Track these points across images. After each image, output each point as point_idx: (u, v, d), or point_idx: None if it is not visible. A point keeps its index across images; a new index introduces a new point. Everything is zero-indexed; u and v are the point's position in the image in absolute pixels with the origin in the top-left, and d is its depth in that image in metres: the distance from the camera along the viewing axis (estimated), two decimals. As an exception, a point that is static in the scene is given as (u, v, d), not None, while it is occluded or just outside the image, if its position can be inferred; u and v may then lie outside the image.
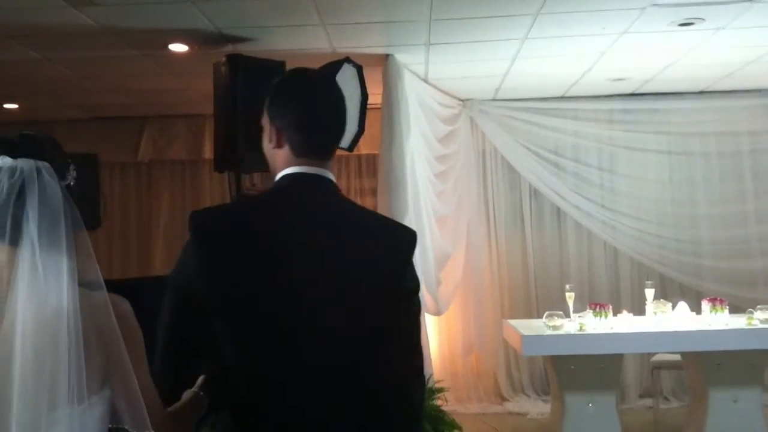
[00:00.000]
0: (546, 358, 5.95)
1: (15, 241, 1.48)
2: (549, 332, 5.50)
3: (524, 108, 7.73)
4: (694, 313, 5.87)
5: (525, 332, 5.48)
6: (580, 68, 6.65)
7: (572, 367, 5.57)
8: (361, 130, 5.85)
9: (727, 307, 5.76)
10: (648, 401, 7.26)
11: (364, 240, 1.83)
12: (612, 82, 7.18)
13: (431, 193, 6.84)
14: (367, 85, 5.82)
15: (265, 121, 1.90)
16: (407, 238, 1.91)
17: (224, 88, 5.08)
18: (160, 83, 6.74)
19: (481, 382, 7.70)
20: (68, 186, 1.60)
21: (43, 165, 1.53)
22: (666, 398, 7.45)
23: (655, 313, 5.84)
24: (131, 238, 8.31)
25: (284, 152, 1.86)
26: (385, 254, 1.84)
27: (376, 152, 6.78)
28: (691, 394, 6.33)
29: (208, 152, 7.63)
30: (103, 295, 1.55)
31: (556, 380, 5.78)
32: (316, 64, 5.48)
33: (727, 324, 5.62)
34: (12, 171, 1.49)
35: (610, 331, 5.57)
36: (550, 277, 7.77)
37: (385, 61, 5.99)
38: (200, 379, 1.83)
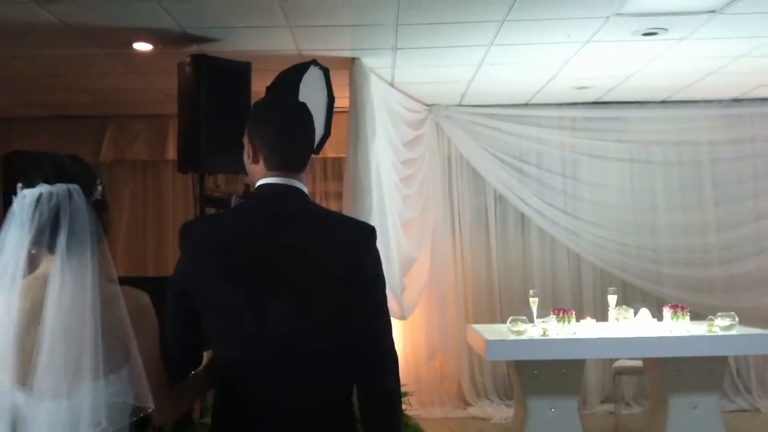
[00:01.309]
0: (509, 363, 5.98)
1: (52, 250, 1.87)
2: (512, 337, 5.53)
3: (489, 114, 7.76)
4: (655, 319, 5.93)
5: (489, 337, 5.49)
6: (545, 76, 6.70)
7: (535, 372, 5.60)
8: (327, 133, 5.88)
9: (688, 313, 5.84)
10: (609, 406, 7.32)
11: (324, 237, 2.08)
12: (576, 90, 7.24)
13: (397, 198, 6.84)
14: (333, 88, 5.82)
15: (246, 140, 2.15)
16: (364, 233, 2.13)
17: (188, 88, 5.03)
18: (123, 82, 6.65)
19: (444, 386, 7.70)
20: (96, 200, 1.95)
21: (74, 188, 1.89)
22: (627, 404, 7.52)
23: (617, 319, 5.90)
24: (91, 239, 8.18)
25: (260, 166, 2.12)
26: (342, 247, 2.07)
27: (343, 155, 6.77)
28: (651, 399, 6.40)
29: (171, 153, 7.54)
30: (118, 290, 1.92)
31: (519, 385, 5.81)
32: (281, 66, 5.50)
33: (687, 330, 5.69)
34: (50, 197, 1.86)
35: (573, 337, 5.61)
36: (514, 281, 7.81)
37: (351, 64, 5.97)
38: (205, 360, 2.13)
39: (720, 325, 5.68)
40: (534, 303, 5.98)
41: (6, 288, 1.84)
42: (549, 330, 5.61)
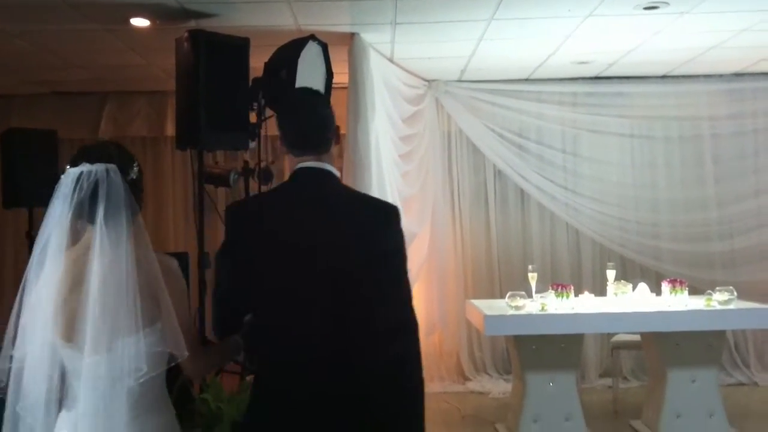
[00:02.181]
0: (508, 338, 6.01)
1: (92, 221, 2.13)
2: (511, 312, 5.55)
3: (489, 90, 7.74)
4: (654, 294, 5.95)
5: (488, 312, 5.51)
6: (545, 51, 6.67)
7: (534, 347, 5.63)
8: (326, 108, 5.79)
9: (687, 288, 5.85)
10: (608, 381, 7.36)
11: (348, 213, 2.31)
12: (576, 65, 7.21)
13: (396, 174, 6.83)
14: (332, 64, 5.79)
15: (279, 128, 2.45)
16: (386, 210, 2.36)
17: (186, 64, 4.99)
18: (122, 59, 6.62)
19: (443, 361, 7.74)
20: (131, 180, 2.22)
21: (111, 167, 2.16)
22: (625, 378, 7.56)
23: (616, 294, 5.92)
24: (91, 216, 8.19)
25: (289, 154, 2.42)
26: (365, 223, 2.29)
27: (342, 132, 6.74)
28: (650, 374, 6.43)
29: (170, 130, 7.53)
30: (151, 255, 2.17)
31: (517, 360, 5.84)
32: (280, 42, 5.47)
33: (686, 305, 5.71)
34: (89, 174, 2.14)
35: (572, 312, 5.63)
36: (513, 257, 7.83)
37: (350, 39, 5.95)
38: (245, 326, 2.34)
39: (718, 300, 5.70)
40: (533, 278, 5.99)
41: (53, 255, 2.09)
42: (547, 305, 5.64)
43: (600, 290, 6.43)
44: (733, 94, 7.78)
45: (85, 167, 2.16)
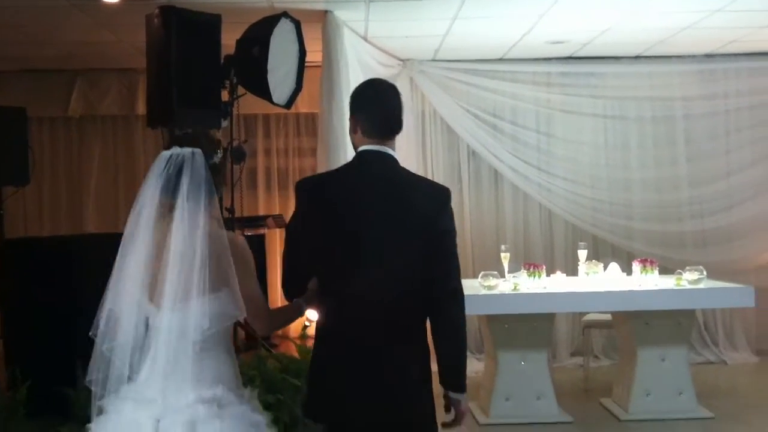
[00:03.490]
0: (481, 317, 6.04)
1: (176, 197, 2.45)
2: (484, 292, 5.58)
3: (463, 69, 7.72)
4: (624, 273, 6.00)
5: (460, 292, 5.52)
6: (520, 30, 6.66)
7: (506, 326, 5.67)
8: (298, 87, 5.81)
9: (657, 268, 5.90)
10: (579, 359, 7.43)
11: (407, 193, 2.59)
12: (550, 45, 7.22)
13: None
14: (305, 42, 5.73)
15: (351, 117, 2.70)
16: (440, 192, 2.66)
17: (157, 41, 4.93)
18: (92, 35, 6.52)
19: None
20: (213, 164, 2.52)
21: (197, 151, 2.49)
22: (596, 356, 7.64)
23: (587, 273, 5.97)
24: (61, 194, 8.10)
25: (359, 136, 2.65)
26: (422, 203, 2.58)
27: (316, 111, 6.72)
28: (620, 352, 6.51)
29: (141, 108, 7.44)
30: (223, 231, 2.51)
31: (490, 339, 5.88)
32: (252, 19, 5.40)
33: (656, 284, 5.77)
34: (177, 155, 2.48)
35: (544, 291, 5.67)
36: (487, 237, 7.85)
37: (324, 17, 5.89)
38: (309, 288, 2.64)
39: (688, 279, 5.76)
40: (505, 258, 6.01)
41: (144, 225, 2.46)
42: (520, 285, 5.67)
43: (572, 270, 6.48)
44: (705, 74, 7.82)
45: (174, 150, 2.50)
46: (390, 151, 2.65)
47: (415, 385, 2.60)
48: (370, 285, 2.53)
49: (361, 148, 2.65)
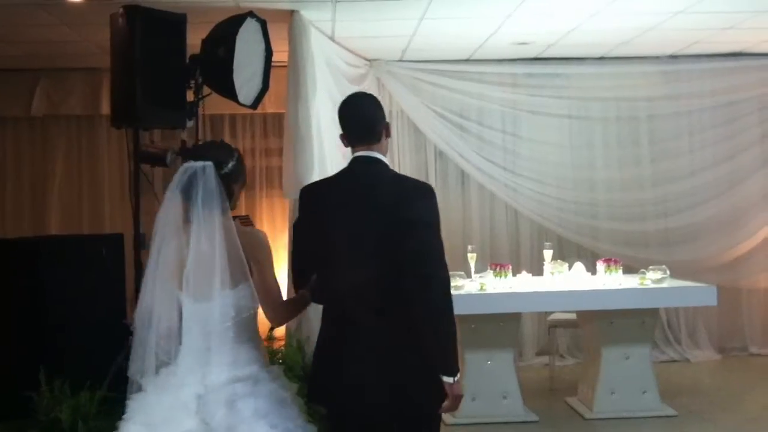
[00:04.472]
0: (447, 318, 6.04)
1: (194, 204, 2.78)
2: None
3: (430, 70, 7.74)
4: (589, 273, 6.06)
5: (427, 292, 5.54)
6: (486, 31, 6.70)
7: (472, 325, 5.70)
8: (265, 87, 5.78)
9: (621, 267, 5.97)
10: (544, 359, 7.48)
11: (390, 190, 2.83)
12: (516, 46, 7.26)
13: (338, 154, 6.77)
14: (272, 42, 5.70)
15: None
16: (414, 186, 2.86)
17: (122, 40, 4.89)
18: (55, 34, 6.44)
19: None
20: (224, 173, 2.85)
21: (207, 164, 2.81)
22: (562, 356, 7.70)
23: (553, 273, 6.02)
24: (24, 195, 7.98)
25: (350, 145, 2.92)
26: (403, 197, 2.79)
27: (283, 111, 6.68)
28: (585, 351, 6.57)
29: (105, 108, 7.35)
30: (241, 229, 2.88)
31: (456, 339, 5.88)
32: (218, 18, 5.36)
33: (620, 284, 5.83)
34: (189, 168, 2.81)
35: (510, 291, 5.70)
36: (453, 237, 7.82)
37: (290, 17, 5.87)
38: (311, 281, 2.92)
39: (651, 278, 5.83)
40: (472, 258, 6.04)
41: (171, 227, 2.80)
42: (486, 285, 5.70)
43: (538, 270, 6.52)
44: (669, 75, 7.92)
45: (189, 163, 2.84)
46: (376, 155, 2.88)
47: (410, 366, 2.74)
48: (356, 276, 2.77)
49: (353, 155, 2.92)
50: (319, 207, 2.90)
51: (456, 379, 2.73)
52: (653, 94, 7.93)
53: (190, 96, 5.09)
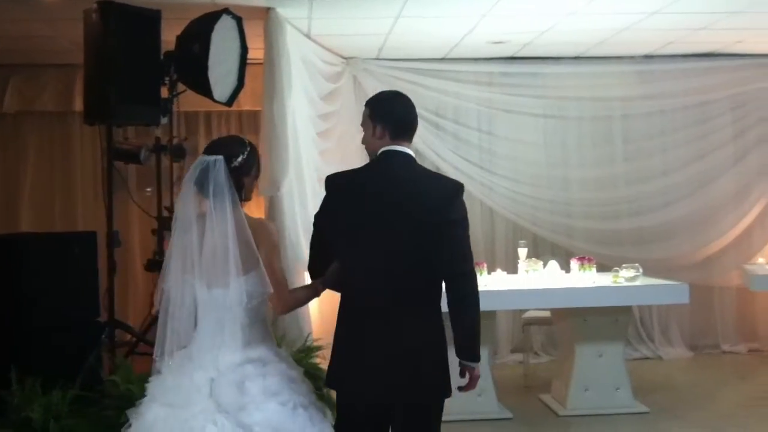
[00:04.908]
0: (423, 316, 6.05)
1: (207, 195, 2.95)
2: (426, 290, 5.59)
3: (407, 68, 7.75)
4: (563, 271, 6.10)
5: (403, 290, 5.54)
6: (462, 30, 6.71)
7: (447, 323, 5.69)
8: (240, 84, 5.76)
9: (595, 265, 6.01)
10: (519, 356, 7.52)
11: (421, 187, 2.95)
12: (492, 45, 7.29)
13: (314, 152, 6.78)
14: (248, 39, 5.68)
15: (368, 124, 3.08)
16: (451, 186, 3.00)
17: (95, 36, 4.85)
18: (28, 29, 6.37)
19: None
20: (234, 167, 3.00)
21: (217, 158, 2.98)
22: (536, 353, 7.75)
23: (527, 271, 6.05)
24: (-5, 192, 7.89)
25: (385, 140, 3.02)
26: (434, 196, 2.92)
27: (258, 108, 6.66)
28: (559, 348, 6.61)
29: (79, 104, 7.27)
30: (251, 219, 3.03)
31: (432, 337, 5.89)
32: (193, 15, 5.33)
33: (594, 282, 5.87)
34: (201, 162, 2.99)
35: (484, 289, 5.65)
36: (429, 235, 7.87)
37: (266, 14, 5.85)
38: (328, 272, 3.06)
39: (625, 276, 5.88)
40: (448, 256, 6.03)
41: (187, 218, 2.96)
42: (462, 283, 5.70)
43: (512, 268, 6.56)
44: (643, 75, 7.98)
45: (201, 158, 3.01)
46: (408, 150, 3.03)
47: (427, 355, 2.92)
48: (385, 266, 2.89)
49: (384, 149, 3.01)
50: (356, 195, 2.98)
51: (478, 364, 3.00)
52: (628, 94, 7.98)
53: (164, 93, 5.06)
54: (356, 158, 7.65)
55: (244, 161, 3.05)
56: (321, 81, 7.01)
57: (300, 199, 6.21)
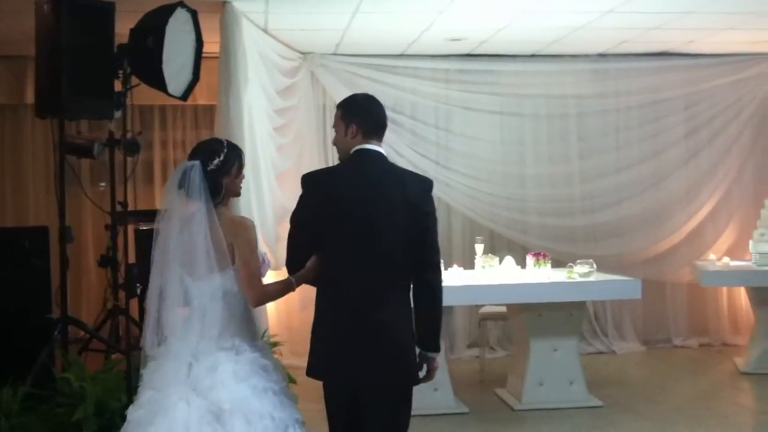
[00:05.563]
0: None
1: (189, 197, 3.16)
2: (383, 286, 5.60)
3: (364, 64, 7.74)
4: (519, 267, 6.15)
5: (360, 286, 5.55)
6: (419, 26, 6.73)
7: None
8: (195, 78, 5.68)
9: (550, 261, 6.07)
10: (475, 351, 7.57)
11: (397, 181, 3.11)
12: (449, 42, 7.32)
13: (271, 148, 6.75)
14: (203, 33, 5.62)
15: (340, 125, 3.22)
16: (425, 181, 3.18)
17: (47, 28, 4.75)
18: (-24, 21, 6.24)
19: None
20: (211, 170, 3.18)
21: (195, 163, 3.18)
22: (492, 348, 7.80)
23: (483, 267, 6.08)
24: (-55, 187, 7.73)
25: (357, 139, 3.16)
26: (410, 190, 3.10)
27: (214, 103, 6.61)
28: (514, 343, 6.66)
29: (30, 97, 7.15)
30: (230, 217, 3.28)
31: (388, 332, 5.90)
32: (147, 8, 5.26)
33: (549, 277, 5.93)
34: (183, 167, 3.20)
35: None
36: (386, 231, 7.88)
37: (222, 8, 5.81)
38: (303, 269, 3.17)
39: (579, 272, 5.94)
40: (404, 252, 6.05)
41: (171, 216, 3.18)
42: (418, 278, 5.71)
43: (469, 263, 6.59)
44: (598, 74, 8.09)
45: (185, 163, 3.23)
46: (380, 149, 3.17)
47: (404, 342, 3.08)
48: (363, 260, 3.03)
49: (357, 147, 3.15)
50: (333, 192, 3.11)
51: (438, 354, 3.15)
52: (583, 92, 8.08)
53: (118, 86, 4.98)
54: (314, 154, 7.66)
55: (221, 163, 3.21)
56: (278, 76, 6.98)
57: (257, 195, 6.18)
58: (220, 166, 3.21)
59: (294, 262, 3.19)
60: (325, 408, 3.18)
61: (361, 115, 3.21)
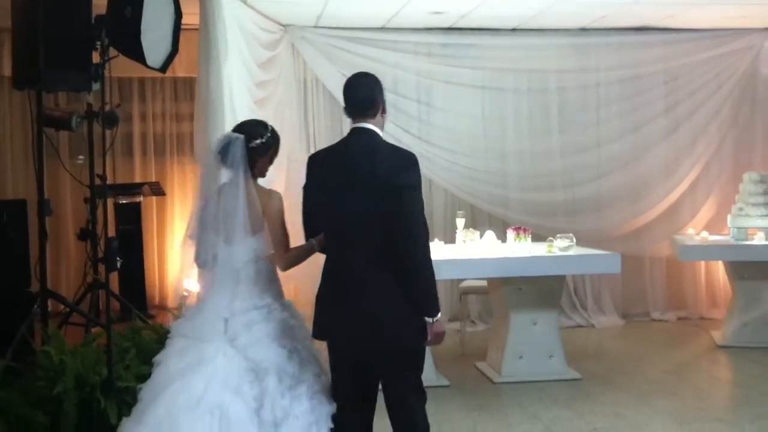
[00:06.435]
0: (361, 285, 6.08)
1: (226, 166, 3.48)
2: (364, 260, 5.61)
3: (345, 37, 7.69)
4: (500, 241, 6.17)
5: (341, 260, 5.56)
6: (401, -1, 6.69)
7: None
8: (174, 50, 5.61)
9: (530, 235, 6.10)
10: (456, 325, 7.59)
11: (381, 156, 3.33)
12: (431, 15, 7.28)
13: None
14: (182, 4, 5.55)
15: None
16: (406, 156, 3.37)
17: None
18: (-50, -10, 6.12)
19: (300, 311, 7.74)
20: (253, 146, 3.51)
21: (238, 136, 3.50)
22: (473, 321, 7.85)
23: (464, 241, 6.11)
24: None
25: (352, 119, 3.43)
26: (392, 164, 3.30)
27: (194, 75, 6.55)
28: (495, 317, 6.70)
29: (7, 69, 7.06)
30: (261, 189, 3.56)
31: (369, 306, 5.92)
32: (125, -22, 5.11)
33: (529, 251, 5.96)
34: (226, 137, 3.51)
35: (422, 259, 5.74)
36: (367, 205, 7.88)
37: (202, -21, 5.74)
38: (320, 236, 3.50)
39: (559, 247, 5.98)
40: (386, 227, 6.06)
41: (210, 185, 3.51)
42: (399, 252, 5.73)
43: (450, 238, 6.61)
44: (579, 48, 8.08)
45: (223, 135, 3.56)
46: (370, 126, 3.38)
47: (399, 309, 3.25)
48: (356, 232, 3.28)
49: (352, 126, 3.42)
50: (323, 171, 3.40)
51: (435, 319, 3.31)
52: (563, 67, 8.08)
53: (96, 58, 4.92)
54: (294, 126, 7.63)
55: (261, 144, 3.54)
56: (258, 48, 6.92)
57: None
58: (260, 147, 3.54)
59: (308, 228, 3.53)
60: (330, 375, 3.48)
61: (345, 97, 3.46)
